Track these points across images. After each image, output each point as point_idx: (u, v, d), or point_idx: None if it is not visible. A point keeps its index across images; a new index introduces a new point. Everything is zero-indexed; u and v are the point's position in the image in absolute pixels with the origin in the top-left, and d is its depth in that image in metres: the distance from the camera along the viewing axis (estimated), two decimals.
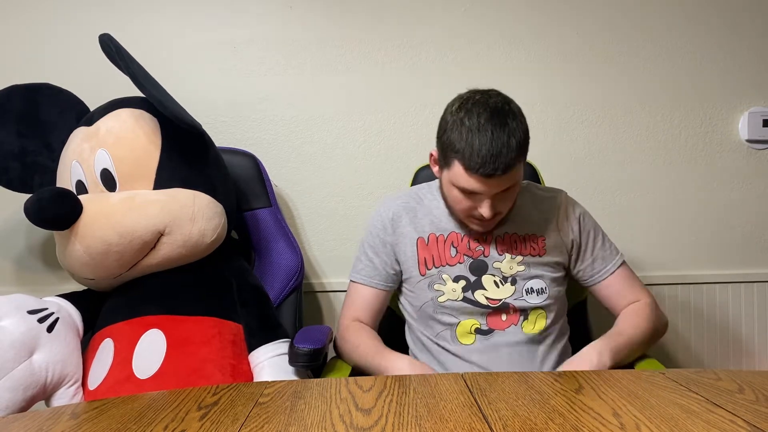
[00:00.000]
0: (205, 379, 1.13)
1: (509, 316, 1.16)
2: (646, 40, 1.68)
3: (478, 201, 1.08)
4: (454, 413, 0.70)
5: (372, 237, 1.26)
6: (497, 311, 1.16)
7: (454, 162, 1.06)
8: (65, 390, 1.14)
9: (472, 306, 1.16)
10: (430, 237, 1.20)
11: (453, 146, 1.05)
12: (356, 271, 1.28)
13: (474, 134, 1.02)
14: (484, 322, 1.16)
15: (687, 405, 0.72)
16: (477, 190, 1.06)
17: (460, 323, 1.16)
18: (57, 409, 0.77)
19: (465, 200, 1.10)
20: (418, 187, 1.30)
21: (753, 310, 1.71)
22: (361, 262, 1.28)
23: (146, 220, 1.17)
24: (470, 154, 1.02)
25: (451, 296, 1.17)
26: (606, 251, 1.22)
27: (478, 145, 1.02)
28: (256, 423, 0.69)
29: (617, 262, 1.22)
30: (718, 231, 1.72)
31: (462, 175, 1.06)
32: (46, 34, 1.61)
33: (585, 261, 1.22)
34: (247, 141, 1.64)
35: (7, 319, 1.11)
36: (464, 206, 1.11)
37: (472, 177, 1.04)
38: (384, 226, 1.24)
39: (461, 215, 1.14)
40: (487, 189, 1.05)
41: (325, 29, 1.64)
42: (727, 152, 1.71)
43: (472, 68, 1.66)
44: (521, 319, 1.16)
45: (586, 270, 1.22)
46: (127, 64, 1.16)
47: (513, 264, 1.17)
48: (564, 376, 0.85)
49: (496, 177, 1.03)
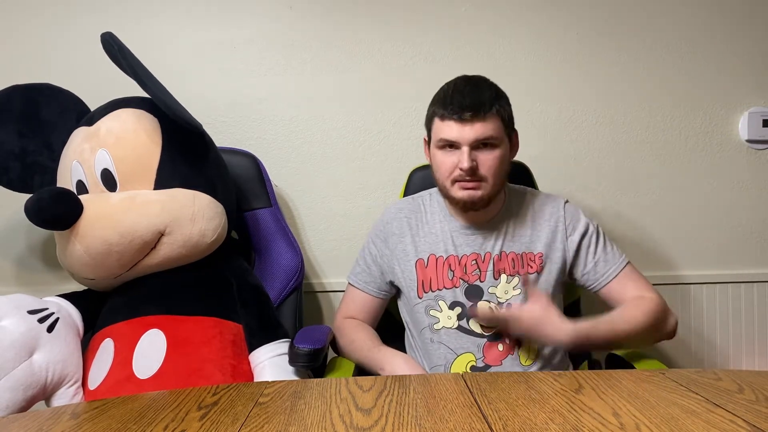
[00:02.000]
0: (206, 379, 1.13)
1: (505, 346, 1.15)
2: (646, 40, 1.68)
3: (457, 156, 1.11)
4: (454, 413, 0.70)
5: (372, 246, 1.27)
6: (492, 341, 1.15)
7: (433, 120, 1.14)
8: (65, 390, 1.14)
9: (467, 335, 1.15)
10: (430, 258, 1.20)
11: (432, 104, 1.15)
12: (354, 273, 1.30)
13: (449, 88, 1.14)
14: (481, 356, 1.14)
15: (687, 405, 0.72)
16: (451, 137, 1.10)
17: (456, 360, 1.15)
18: (57, 409, 0.77)
19: (445, 161, 1.12)
20: (422, 197, 1.29)
21: (753, 310, 1.71)
22: (359, 266, 1.29)
23: (147, 220, 1.17)
24: (443, 99, 1.12)
25: (447, 323, 1.16)
26: (608, 254, 1.21)
27: (452, 91, 1.12)
28: (256, 423, 0.69)
29: (621, 264, 1.20)
30: (717, 231, 1.72)
31: (439, 126, 1.12)
32: (46, 34, 1.61)
33: (587, 265, 1.21)
34: (247, 141, 1.64)
35: (7, 319, 1.11)
36: (446, 168, 1.13)
37: (447, 122, 1.10)
38: (385, 239, 1.25)
39: (446, 181, 1.14)
40: (460, 135, 1.09)
41: (325, 29, 1.64)
42: (727, 152, 1.71)
43: (472, 68, 1.65)
44: (516, 349, 1.15)
45: (589, 275, 1.21)
46: (129, 63, 1.16)
47: (509, 288, 1.17)
48: (564, 376, 0.85)
49: (469, 120, 1.08)
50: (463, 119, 1.08)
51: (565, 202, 1.24)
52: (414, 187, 1.42)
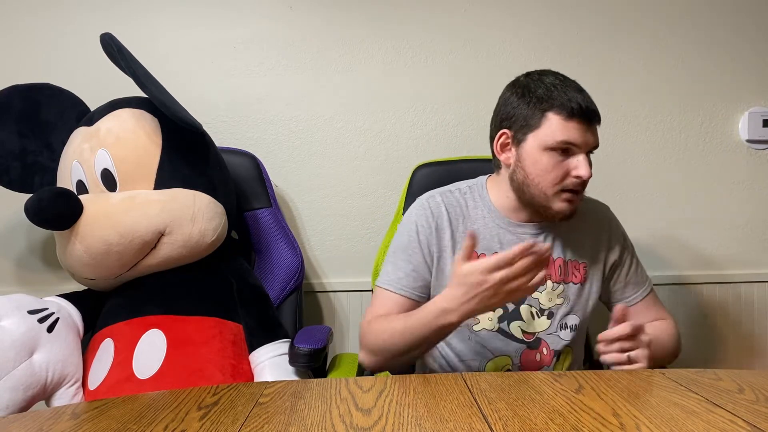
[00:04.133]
0: (206, 379, 1.13)
1: (543, 357, 1.09)
2: (647, 40, 1.68)
3: (573, 162, 1.02)
4: (454, 413, 0.70)
5: (415, 243, 1.10)
6: (531, 347, 1.10)
7: (546, 116, 1.02)
8: (65, 390, 1.14)
9: (507, 339, 1.09)
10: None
11: (543, 99, 1.02)
12: (393, 280, 1.10)
13: (562, 85, 1.03)
14: (518, 362, 1.09)
15: (687, 405, 0.72)
16: (575, 140, 1.00)
17: (491, 361, 1.10)
18: (57, 409, 0.77)
19: (557, 166, 1.02)
20: (460, 189, 1.16)
21: (753, 310, 1.71)
22: (400, 270, 1.10)
23: (147, 220, 1.17)
24: (567, 100, 1.00)
25: (487, 325, 1.09)
26: (638, 277, 1.18)
27: (572, 92, 1.02)
28: (256, 423, 0.69)
29: (647, 289, 1.18)
30: (717, 231, 1.72)
31: (559, 126, 1.00)
32: (47, 34, 1.61)
33: (617, 284, 1.17)
34: (247, 141, 1.64)
35: (7, 319, 1.11)
36: (556, 174, 1.02)
37: (571, 123, 1.00)
38: (429, 231, 1.10)
39: (551, 188, 1.03)
40: (584, 140, 1.01)
41: (325, 29, 1.64)
42: (727, 152, 1.71)
43: (473, 69, 1.66)
44: (554, 360, 1.10)
45: (616, 293, 1.17)
46: (128, 63, 1.16)
47: (552, 296, 1.11)
48: (564, 376, 0.85)
49: (593, 126, 1.02)
50: (591, 122, 1.01)
51: (610, 213, 1.21)
52: (417, 185, 1.38)
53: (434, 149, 1.66)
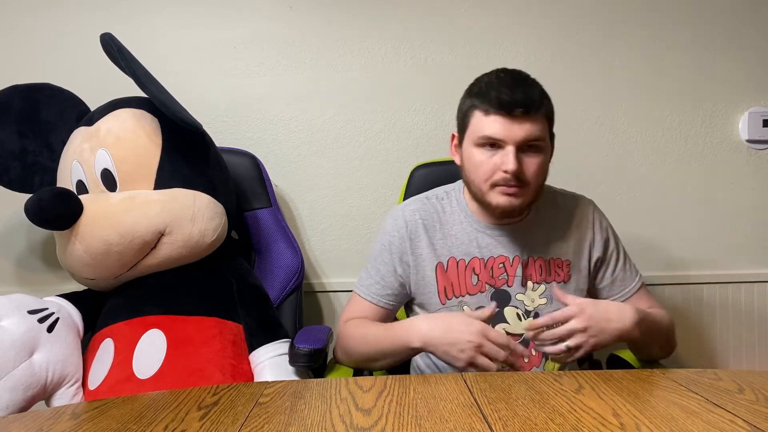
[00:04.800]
0: (206, 379, 1.13)
1: (532, 358, 1.09)
2: (646, 39, 1.68)
3: (500, 157, 1.00)
4: (454, 413, 0.70)
5: (387, 253, 1.14)
6: None
7: (473, 113, 1.03)
8: (65, 390, 1.14)
9: None
10: (450, 262, 1.11)
11: (470, 97, 1.04)
12: (365, 285, 1.16)
13: (492, 80, 1.03)
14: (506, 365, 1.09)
15: (687, 405, 0.72)
16: (496, 134, 0.99)
17: None
18: (57, 409, 0.77)
19: (486, 161, 1.02)
20: (437, 195, 1.18)
21: (753, 310, 1.71)
22: (371, 278, 1.15)
23: (147, 220, 1.17)
24: (487, 92, 1.01)
25: None
26: (627, 272, 1.17)
27: (497, 84, 1.01)
28: (256, 423, 0.69)
29: (636, 285, 1.16)
30: (717, 231, 1.72)
31: (482, 121, 1.01)
32: (47, 34, 1.61)
33: (604, 281, 1.16)
34: (247, 141, 1.64)
35: (7, 319, 1.11)
36: (485, 169, 1.02)
37: (492, 117, 1.00)
38: (402, 241, 1.13)
39: (483, 184, 1.04)
40: (508, 134, 0.99)
41: (325, 29, 1.64)
42: (727, 152, 1.71)
43: (473, 68, 1.66)
44: (543, 361, 1.10)
45: (603, 290, 1.17)
46: (128, 63, 1.16)
47: (535, 296, 1.11)
48: (564, 376, 0.85)
49: (518, 117, 0.98)
50: (513, 115, 0.98)
51: (593, 208, 1.19)
52: (416, 185, 1.40)
53: (434, 149, 1.66)
